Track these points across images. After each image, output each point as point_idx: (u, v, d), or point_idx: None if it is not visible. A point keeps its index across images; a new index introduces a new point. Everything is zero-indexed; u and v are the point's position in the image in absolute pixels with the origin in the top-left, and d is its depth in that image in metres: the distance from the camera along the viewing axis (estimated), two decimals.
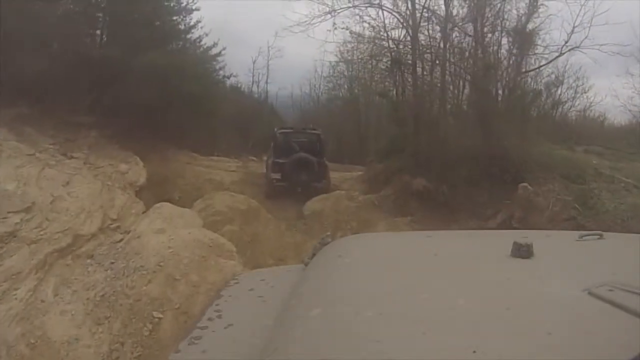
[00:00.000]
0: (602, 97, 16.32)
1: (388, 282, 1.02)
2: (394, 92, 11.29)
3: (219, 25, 26.19)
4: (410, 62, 10.20)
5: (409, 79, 10.47)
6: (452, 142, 8.85)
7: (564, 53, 9.63)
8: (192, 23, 11.09)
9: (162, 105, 9.20)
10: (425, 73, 10.29)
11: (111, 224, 5.85)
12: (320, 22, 10.18)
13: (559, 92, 13.12)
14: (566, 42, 9.36)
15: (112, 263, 4.94)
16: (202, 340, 1.05)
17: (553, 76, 11.54)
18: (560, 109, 13.66)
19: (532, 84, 10.76)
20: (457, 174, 8.10)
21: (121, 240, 5.45)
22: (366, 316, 0.81)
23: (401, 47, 10.57)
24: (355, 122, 18.27)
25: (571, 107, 14.37)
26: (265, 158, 10.69)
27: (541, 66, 10.32)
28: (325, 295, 1.00)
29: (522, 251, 1.05)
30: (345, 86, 19.57)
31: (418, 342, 0.71)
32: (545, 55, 9.94)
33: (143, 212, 6.35)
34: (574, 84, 13.76)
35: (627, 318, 0.70)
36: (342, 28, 10.34)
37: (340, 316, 0.84)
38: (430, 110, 10.06)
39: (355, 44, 13.61)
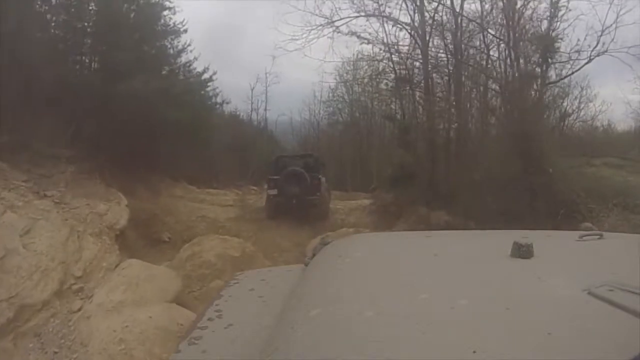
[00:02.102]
0: (607, 106, 15.71)
1: (388, 282, 1.02)
2: (402, 114, 10.57)
3: (215, 54, 26.75)
4: (421, 78, 9.42)
5: (420, 98, 9.64)
6: (480, 170, 7.68)
7: (592, 59, 8.60)
8: (181, 47, 10.62)
9: (153, 135, 8.75)
10: (442, 90, 9.43)
11: (73, 284, 4.94)
12: (317, 37, 9.55)
13: (565, 103, 12.35)
14: (595, 47, 8.38)
15: (56, 353, 4.06)
16: (202, 340, 1.05)
17: (557, 88, 10.73)
18: (566, 121, 12.89)
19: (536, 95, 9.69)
20: (487, 206, 6.85)
21: (79, 309, 4.59)
22: (366, 316, 0.81)
23: (409, 62, 9.73)
24: (356, 147, 18.17)
25: (577, 118, 13.64)
26: (265, 187, 10.43)
27: (568, 75, 9.45)
28: (325, 295, 1.00)
29: (522, 251, 1.05)
30: (346, 110, 19.57)
31: (418, 342, 0.71)
32: (569, 63, 8.93)
33: (116, 266, 5.44)
34: (578, 94, 13.12)
35: (627, 318, 0.70)
36: (346, 34, 9.57)
37: (340, 316, 0.85)
38: (448, 132, 9.07)
39: (354, 62, 13.30)
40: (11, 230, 4.98)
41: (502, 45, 8.98)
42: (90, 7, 8.62)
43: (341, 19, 9.44)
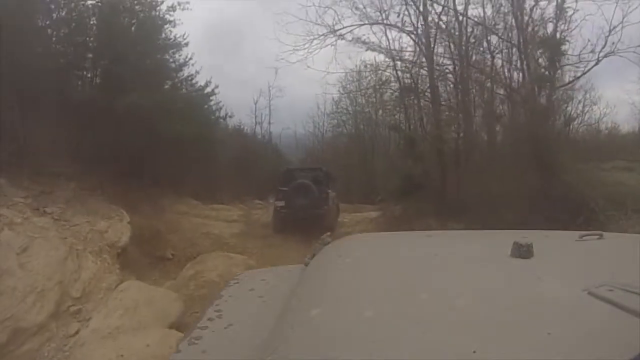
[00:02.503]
0: (611, 108, 15.34)
1: (388, 282, 1.02)
2: (407, 124, 10.36)
3: (218, 69, 26.74)
4: (426, 86, 9.22)
5: (426, 107, 9.43)
6: (493, 179, 7.38)
7: (601, 60, 8.34)
8: (182, 60, 10.40)
9: (156, 150, 8.63)
10: (449, 97, 9.26)
11: (71, 306, 4.72)
12: (320, 48, 9.43)
13: (569, 107, 11.95)
14: (603, 47, 8.15)
15: None
16: (202, 340, 1.05)
17: (561, 92, 10.28)
18: (571, 126, 12.40)
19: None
20: (502, 218, 6.52)
21: (76, 332, 4.38)
22: (366, 316, 0.81)
23: (414, 70, 9.47)
24: (361, 159, 18.10)
25: (581, 122, 13.36)
26: (272, 200, 10.32)
27: (579, 77, 9.18)
28: (325, 295, 1.01)
29: (522, 251, 1.05)
30: (350, 122, 19.59)
31: (418, 342, 0.71)
32: (578, 65, 8.67)
33: (117, 286, 5.19)
34: (582, 98, 12.86)
35: (627, 318, 0.70)
36: (350, 40, 9.40)
37: (340, 316, 0.85)
38: (457, 141, 8.84)
39: (358, 72, 12.95)
40: (7, 248, 4.79)
41: (509, 49, 8.82)
42: (91, 22, 8.56)
43: (344, 27, 9.34)
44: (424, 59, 9.20)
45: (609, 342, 0.66)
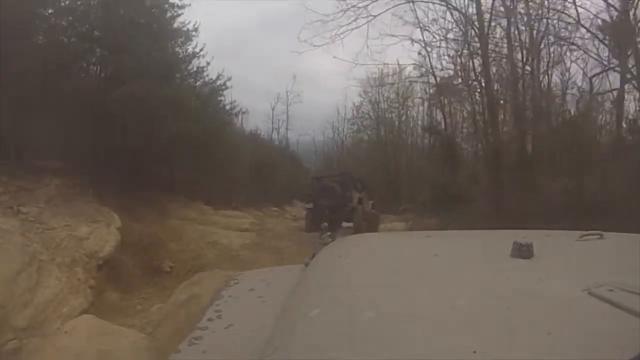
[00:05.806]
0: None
1: (388, 282, 1.02)
2: (444, 125, 9.60)
3: (237, 79, 26.83)
4: (472, 79, 8.09)
5: (475, 103, 8.24)
6: (584, 187, 6.12)
7: None
8: (192, 51, 9.68)
9: (164, 149, 8.03)
10: (506, 90, 7.88)
11: (11, 340, 3.56)
12: (350, 29, 8.54)
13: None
14: None
15: None
16: (202, 341, 1.06)
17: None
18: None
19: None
20: None
21: None
22: (366, 316, 0.81)
23: (465, 58, 8.16)
24: (384, 166, 17.65)
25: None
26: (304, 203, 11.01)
27: None
28: (325, 295, 1.01)
29: (522, 251, 1.05)
30: (372, 127, 19.30)
31: (418, 342, 0.71)
32: None
33: (82, 311, 4.13)
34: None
35: (627, 318, 0.69)
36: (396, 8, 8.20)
37: (340, 316, 0.85)
38: (523, 143, 7.53)
39: (384, 65, 12.32)
40: None
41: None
42: (94, 9, 7.93)
43: None
44: (477, 43, 8.01)
45: (609, 342, 0.66)
